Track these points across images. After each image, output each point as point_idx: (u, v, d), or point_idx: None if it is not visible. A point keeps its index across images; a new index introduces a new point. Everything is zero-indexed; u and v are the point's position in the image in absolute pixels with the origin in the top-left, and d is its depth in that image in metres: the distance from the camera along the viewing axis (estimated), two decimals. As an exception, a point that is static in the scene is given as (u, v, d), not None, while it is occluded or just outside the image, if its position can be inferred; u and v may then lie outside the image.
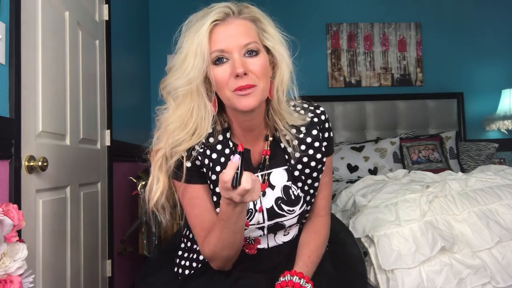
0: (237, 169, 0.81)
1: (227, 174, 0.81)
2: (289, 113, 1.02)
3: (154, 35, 3.52)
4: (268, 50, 0.97)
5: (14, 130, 1.28)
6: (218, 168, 0.99)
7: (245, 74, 0.89)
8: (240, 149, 0.84)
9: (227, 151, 1.01)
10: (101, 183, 2.09)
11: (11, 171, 1.27)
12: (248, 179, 0.80)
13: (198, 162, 1.00)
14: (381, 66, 3.70)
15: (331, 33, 3.69)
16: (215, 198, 1.01)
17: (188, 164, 0.98)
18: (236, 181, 0.80)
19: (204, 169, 1.00)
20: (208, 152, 1.00)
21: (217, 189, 0.98)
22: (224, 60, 0.92)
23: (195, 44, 0.91)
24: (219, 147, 1.01)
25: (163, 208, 1.00)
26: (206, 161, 1.00)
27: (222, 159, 1.00)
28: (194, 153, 0.98)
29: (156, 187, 0.98)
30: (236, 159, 0.81)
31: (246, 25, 0.94)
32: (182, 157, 0.98)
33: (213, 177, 1.00)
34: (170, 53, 0.99)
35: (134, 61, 3.06)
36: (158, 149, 0.98)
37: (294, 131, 1.03)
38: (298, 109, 1.06)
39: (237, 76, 0.89)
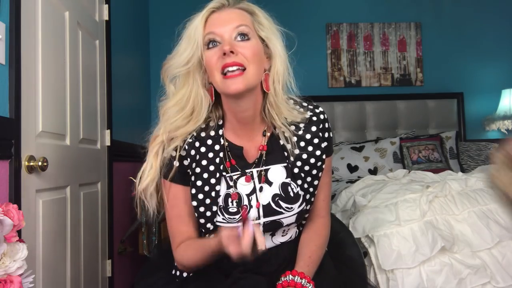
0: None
1: (246, 245, 0.80)
2: (287, 107, 1.03)
3: (154, 35, 3.52)
4: (263, 41, 1.00)
5: (14, 130, 1.28)
6: (204, 162, 1.02)
7: (232, 52, 0.92)
8: (244, 215, 0.84)
9: (217, 147, 1.03)
10: (101, 183, 2.09)
11: (11, 171, 1.27)
12: (262, 241, 0.80)
13: (185, 162, 1.02)
14: (381, 66, 3.69)
15: (331, 33, 3.69)
16: (193, 191, 1.02)
17: (176, 164, 1.02)
18: (253, 250, 0.80)
19: (189, 159, 1.02)
20: (197, 144, 1.02)
21: (198, 183, 1.02)
22: (217, 44, 0.96)
23: (190, 29, 0.98)
24: (209, 142, 1.03)
25: (151, 196, 1.03)
26: (193, 152, 1.02)
27: (210, 154, 1.02)
28: (184, 144, 1.01)
29: (148, 172, 1.01)
30: (251, 228, 0.80)
31: (241, 12, 0.99)
32: (173, 157, 1.01)
33: (197, 170, 1.02)
34: (170, 53, 1.01)
35: (134, 61, 3.06)
36: (156, 136, 1.02)
37: (293, 127, 1.04)
38: (297, 106, 1.06)
39: (224, 54, 0.92)
